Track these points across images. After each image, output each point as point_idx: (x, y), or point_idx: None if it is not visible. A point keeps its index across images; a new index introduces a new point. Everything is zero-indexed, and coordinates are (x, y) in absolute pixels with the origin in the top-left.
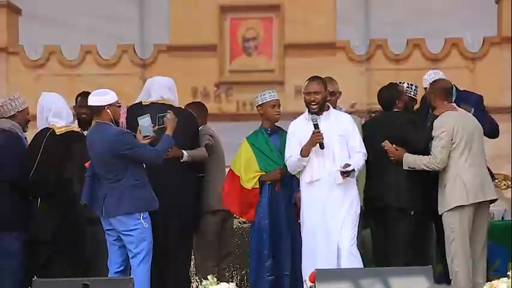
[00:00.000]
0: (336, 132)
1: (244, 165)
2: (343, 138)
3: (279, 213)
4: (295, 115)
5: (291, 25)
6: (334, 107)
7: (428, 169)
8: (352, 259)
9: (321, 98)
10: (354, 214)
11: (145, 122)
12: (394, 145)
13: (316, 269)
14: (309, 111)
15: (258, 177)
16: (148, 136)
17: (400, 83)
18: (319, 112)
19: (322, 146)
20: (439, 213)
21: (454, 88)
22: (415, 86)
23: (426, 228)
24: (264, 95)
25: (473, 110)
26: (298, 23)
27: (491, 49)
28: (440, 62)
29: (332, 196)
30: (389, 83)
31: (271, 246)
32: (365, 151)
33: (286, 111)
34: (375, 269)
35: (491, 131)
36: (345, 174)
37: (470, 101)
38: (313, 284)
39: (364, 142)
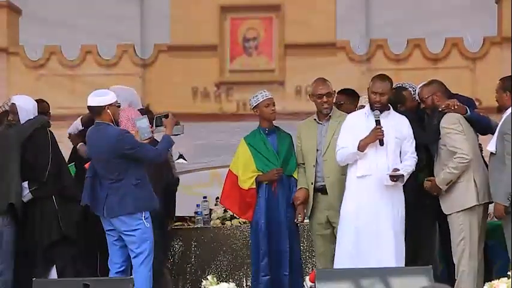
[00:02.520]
0: (392, 133)
1: (242, 165)
2: (399, 140)
3: (276, 213)
4: (295, 115)
5: (291, 25)
6: (331, 108)
7: (462, 168)
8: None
9: (386, 98)
10: (402, 217)
11: (143, 123)
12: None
13: (316, 269)
14: (371, 109)
15: (255, 177)
16: (146, 137)
17: (402, 84)
18: (379, 111)
19: (381, 143)
20: (446, 213)
21: None
22: (410, 85)
23: (427, 227)
24: (256, 96)
25: (469, 111)
26: (298, 23)
27: (492, 49)
28: (440, 62)
29: (381, 194)
30: (397, 87)
31: (267, 246)
32: (416, 156)
33: (286, 111)
34: (375, 269)
35: (490, 127)
36: (394, 178)
37: (464, 103)
38: (313, 283)
39: None
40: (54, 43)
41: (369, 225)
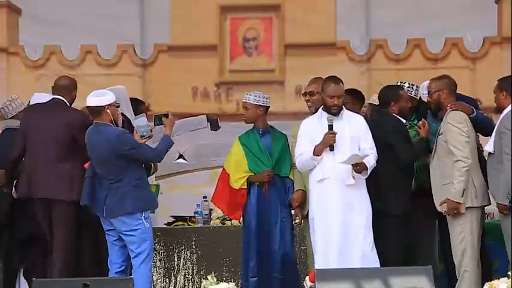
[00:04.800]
0: (347, 133)
1: (234, 165)
2: (355, 139)
3: (267, 214)
4: (295, 115)
5: (291, 25)
6: (317, 107)
7: (466, 172)
8: (372, 264)
9: (342, 101)
10: (367, 216)
11: (141, 121)
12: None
13: (316, 269)
14: (327, 112)
15: (247, 177)
16: (145, 136)
17: (401, 82)
18: (336, 114)
19: (331, 148)
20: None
21: None
22: (416, 86)
23: (427, 227)
24: (246, 95)
25: (475, 112)
26: (298, 23)
27: (492, 49)
28: (440, 62)
29: (342, 196)
30: (392, 85)
31: (257, 247)
32: (375, 153)
33: (286, 111)
34: (375, 269)
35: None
36: (357, 167)
37: (468, 103)
38: (313, 284)
39: None
40: (54, 43)
41: (337, 228)
